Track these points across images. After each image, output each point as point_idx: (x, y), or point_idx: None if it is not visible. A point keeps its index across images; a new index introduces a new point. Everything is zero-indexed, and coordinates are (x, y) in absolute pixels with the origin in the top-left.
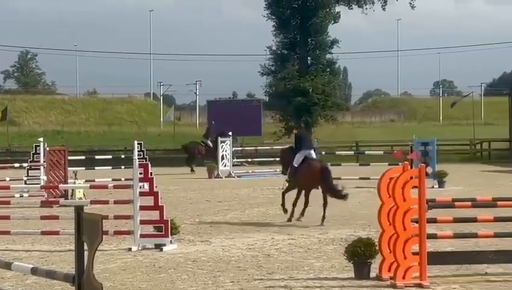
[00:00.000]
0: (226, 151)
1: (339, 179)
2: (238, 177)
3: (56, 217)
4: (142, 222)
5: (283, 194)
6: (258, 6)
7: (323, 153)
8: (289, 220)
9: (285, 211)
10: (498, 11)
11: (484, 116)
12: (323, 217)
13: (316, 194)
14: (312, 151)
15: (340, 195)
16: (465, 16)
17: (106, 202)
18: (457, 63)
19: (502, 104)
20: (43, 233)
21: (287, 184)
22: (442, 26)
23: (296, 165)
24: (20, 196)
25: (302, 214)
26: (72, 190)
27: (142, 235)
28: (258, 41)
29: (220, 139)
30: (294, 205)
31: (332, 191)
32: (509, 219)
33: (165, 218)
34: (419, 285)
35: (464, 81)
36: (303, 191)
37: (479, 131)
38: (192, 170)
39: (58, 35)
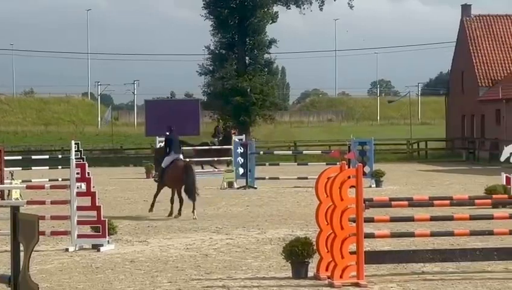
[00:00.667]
0: None
1: (277, 178)
2: None
3: None
4: (79, 223)
5: (154, 196)
6: (196, 6)
7: (262, 152)
8: (169, 214)
9: (150, 210)
10: (434, 12)
11: (421, 115)
12: (171, 212)
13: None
14: (180, 156)
15: (193, 197)
16: (401, 17)
17: (43, 203)
18: (395, 64)
19: (439, 104)
20: None
21: (225, 184)
22: (379, 27)
23: (163, 167)
24: None
25: (179, 213)
26: (9, 190)
27: (79, 236)
28: (196, 42)
29: (157, 138)
30: (171, 201)
31: (188, 192)
32: (445, 218)
33: (102, 218)
34: (357, 284)
35: (401, 81)
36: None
37: (416, 130)
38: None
39: None
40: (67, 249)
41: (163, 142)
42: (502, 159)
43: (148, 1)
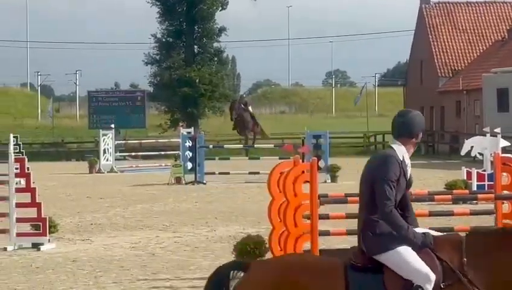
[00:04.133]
0: (108, 144)
1: (228, 173)
2: (121, 172)
3: None
4: (19, 220)
5: None
6: None
7: (211, 146)
8: None
9: None
10: None
11: (378, 108)
12: None
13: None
14: None
15: None
16: (358, 4)
17: None
18: (351, 53)
19: (397, 95)
20: None
21: (173, 180)
22: (334, 14)
23: None
24: None
25: None
26: None
27: (18, 234)
28: (142, 29)
29: (101, 131)
30: None
31: None
32: None
33: (43, 216)
34: None
35: (357, 71)
36: None
37: (373, 123)
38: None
39: None
40: (5, 249)
41: None
42: (463, 152)
43: None
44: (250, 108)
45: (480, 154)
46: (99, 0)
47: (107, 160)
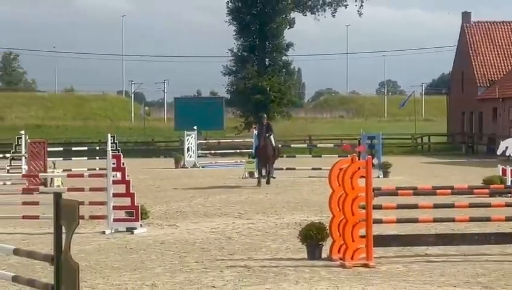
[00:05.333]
0: (191, 143)
1: (294, 169)
2: (202, 167)
3: (36, 203)
4: (115, 208)
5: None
6: (221, 12)
7: (280, 146)
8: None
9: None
10: (437, 18)
11: (424, 113)
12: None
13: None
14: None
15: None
16: (407, 23)
17: (82, 190)
18: (401, 65)
19: (440, 102)
20: (24, 217)
21: (247, 174)
22: (386, 32)
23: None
24: (3, 184)
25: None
26: (51, 178)
27: (115, 220)
28: (220, 45)
29: (185, 132)
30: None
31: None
32: (446, 205)
33: (135, 204)
34: (366, 265)
35: (406, 81)
36: None
37: (420, 126)
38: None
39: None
40: (104, 232)
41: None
42: (499, 152)
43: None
44: (271, 134)
45: None
46: (186, 20)
47: (191, 157)
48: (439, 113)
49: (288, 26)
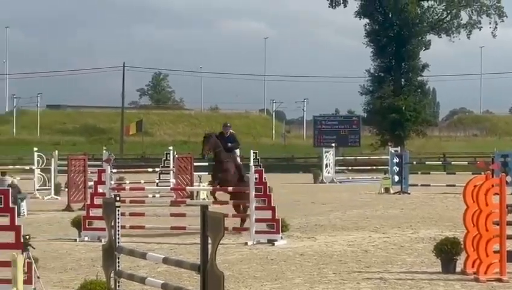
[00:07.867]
0: (329, 159)
1: (429, 185)
2: (339, 182)
3: (183, 215)
4: (257, 220)
5: None
6: (359, 35)
7: (414, 163)
8: None
9: None
10: None
11: None
12: None
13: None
14: None
15: None
16: None
17: (226, 203)
18: None
19: None
20: (172, 228)
21: (382, 190)
22: None
23: None
24: (153, 196)
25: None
26: (197, 191)
27: (256, 232)
28: (358, 65)
29: (324, 149)
30: None
31: None
32: None
33: (276, 217)
34: (499, 279)
35: None
36: None
37: None
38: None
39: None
40: (246, 243)
41: None
42: None
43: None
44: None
45: None
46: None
47: (329, 172)
48: None
49: (423, 48)
